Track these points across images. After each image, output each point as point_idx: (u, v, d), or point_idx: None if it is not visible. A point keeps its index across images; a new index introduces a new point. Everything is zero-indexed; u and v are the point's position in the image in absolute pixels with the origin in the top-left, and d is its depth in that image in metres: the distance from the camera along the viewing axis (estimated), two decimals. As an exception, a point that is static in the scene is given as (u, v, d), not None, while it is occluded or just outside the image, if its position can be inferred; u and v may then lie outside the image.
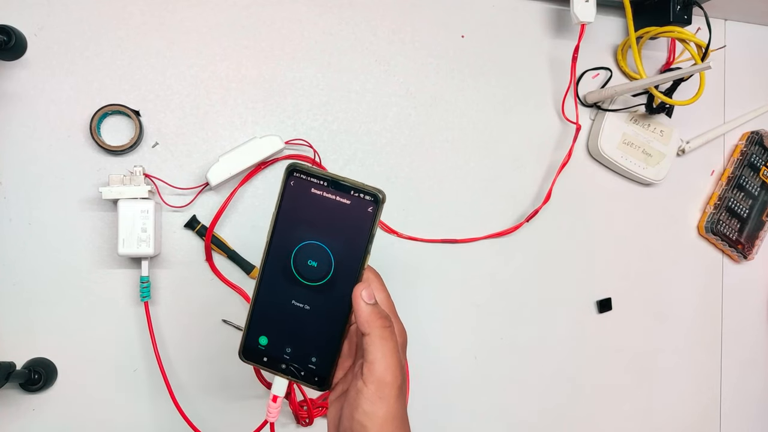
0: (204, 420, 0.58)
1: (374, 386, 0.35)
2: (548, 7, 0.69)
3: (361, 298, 0.36)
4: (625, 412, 0.72)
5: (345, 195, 0.36)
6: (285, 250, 0.38)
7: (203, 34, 0.59)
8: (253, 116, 0.60)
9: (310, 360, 0.39)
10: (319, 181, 0.37)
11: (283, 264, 0.38)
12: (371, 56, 0.63)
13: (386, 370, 0.35)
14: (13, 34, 0.49)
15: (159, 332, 0.57)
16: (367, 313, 0.36)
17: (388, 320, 0.37)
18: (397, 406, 0.36)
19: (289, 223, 0.37)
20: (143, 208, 0.53)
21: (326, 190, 0.37)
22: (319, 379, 0.39)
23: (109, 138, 0.56)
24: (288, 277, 0.38)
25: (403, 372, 0.37)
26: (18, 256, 0.55)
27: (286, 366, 0.39)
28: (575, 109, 0.67)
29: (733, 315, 0.76)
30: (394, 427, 0.35)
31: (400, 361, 0.37)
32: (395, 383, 0.35)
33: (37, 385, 0.53)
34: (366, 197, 0.36)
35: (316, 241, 0.37)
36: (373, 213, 0.36)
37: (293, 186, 0.37)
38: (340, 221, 0.37)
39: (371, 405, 0.35)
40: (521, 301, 0.67)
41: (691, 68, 0.60)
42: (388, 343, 0.36)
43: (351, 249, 0.37)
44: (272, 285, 0.38)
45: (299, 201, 0.37)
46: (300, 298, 0.38)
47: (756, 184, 0.75)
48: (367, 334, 0.36)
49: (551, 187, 0.66)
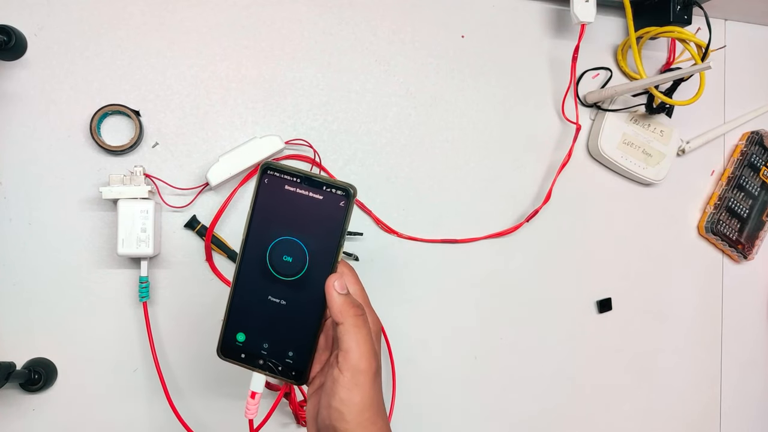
0: (202, 421, 0.58)
1: (349, 373, 0.36)
2: (548, 7, 0.69)
3: (334, 289, 0.37)
4: (625, 412, 0.72)
5: (317, 191, 0.37)
6: (261, 246, 0.38)
7: (203, 34, 0.59)
8: (253, 116, 0.60)
9: (287, 354, 0.39)
10: (292, 178, 0.37)
11: (259, 260, 0.39)
12: (371, 56, 0.63)
13: (361, 357, 0.36)
14: (13, 34, 0.49)
15: (158, 332, 0.57)
16: (340, 302, 0.37)
17: (361, 309, 0.37)
18: (373, 393, 0.37)
19: (264, 219, 0.38)
20: (143, 208, 0.53)
21: (299, 187, 0.38)
22: (296, 373, 0.40)
23: (109, 138, 0.56)
24: (264, 273, 0.39)
25: (377, 359, 0.38)
26: (18, 256, 0.55)
27: (263, 362, 0.40)
28: (575, 109, 0.67)
29: (733, 315, 0.76)
30: (371, 413, 0.36)
31: (374, 349, 0.37)
32: (370, 370, 0.36)
33: (37, 385, 0.53)
34: (338, 192, 0.37)
35: (290, 236, 0.38)
36: (345, 207, 0.37)
37: (267, 183, 0.38)
38: (314, 217, 0.38)
39: (347, 392, 0.36)
40: (521, 301, 0.67)
41: (691, 68, 0.60)
42: (361, 331, 0.37)
43: (325, 243, 0.38)
44: (249, 281, 0.39)
45: (273, 198, 0.38)
46: (276, 294, 0.39)
47: (756, 184, 0.75)
48: (340, 323, 0.37)
49: (551, 187, 0.66)
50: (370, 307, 0.41)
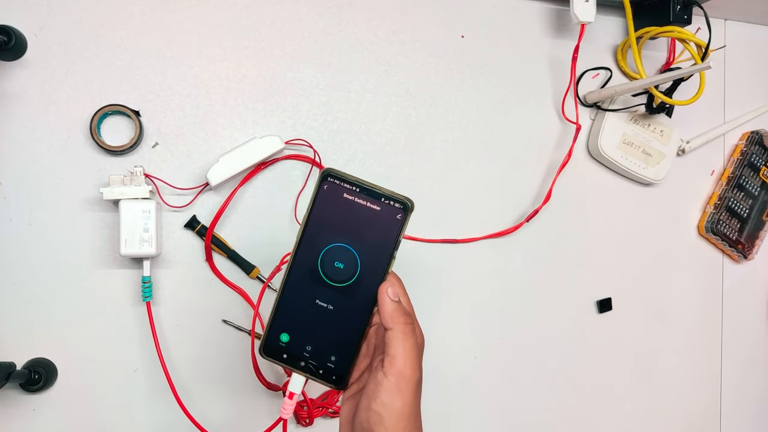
0: (204, 420, 0.58)
1: (394, 378, 0.36)
2: (548, 7, 0.69)
3: (387, 295, 0.38)
4: (625, 412, 0.72)
5: (376, 201, 0.38)
6: (313, 250, 0.39)
7: (203, 34, 0.59)
8: (253, 116, 0.60)
9: (329, 359, 0.40)
10: (351, 187, 0.38)
11: (310, 264, 0.39)
12: (371, 56, 0.63)
13: (406, 364, 0.37)
14: (13, 34, 0.49)
15: (159, 332, 0.57)
16: (392, 309, 0.38)
17: (411, 318, 0.39)
18: (413, 402, 0.37)
19: (319, 225, 0.39)
20: (144, 209, 0.53)
21: (358, 196, 0.38)
22: (336, 377, 0.40)
23: (109, 138, 0.56)
24: (314, 277, 0.39)
25: (420, 369, 0.38)
26: (18, 256, 0.55)
27: (305, 364, 0.40)
28: (575, 109, 0.67)
29: (733, 315, 0.76)
30: (409, 421, 0.37)
31: (419, 359, 0.38)
32: (413, 378, 0.37)
33: (37, 385, 0.53)
34: (396, 204, 0.38)
35: (344, 243, 0.39)
36: (402, 220, 0.38)
37: (326, 190, 0.38)
38: (369, 226, 0.39)
39: (390, 396, 0.36)
40: (521, 301, 0.67)
41: (691, 68, 0.60)
42: (409, 338, 0.37)
43: (377, 253, 0.39)
44: (298, 284, 0.40)
45: (331, 205, 0.39)
46: (324, 298, 0.40)
47: (756, 184, 0.75)
48: (390, 328, 0.37)
49: (551, 187, 0.66)
50: (416, 319, 0.41)
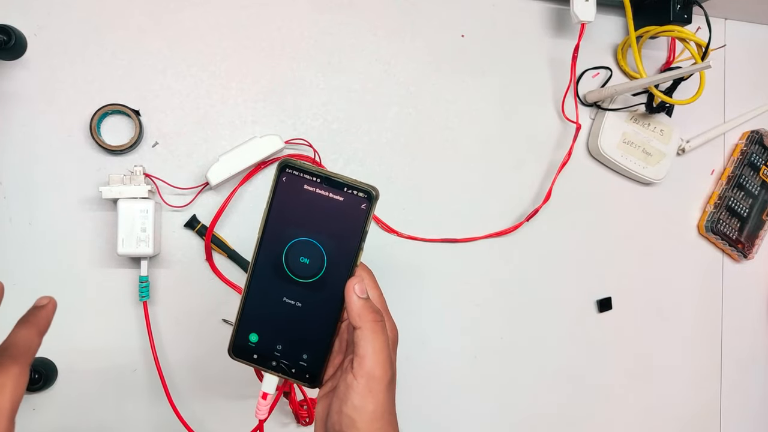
0: (202, 420, 0.58)
1: (364, 380, 0.35)
2: (548, 7, 0.69)
3: (354, 292, 0.36)
4: (625, 412, 0.72)
5: (338, 191, 0.36)
6: (277, 246, 0.37)
7: (203, 33, 0.59)
8: (253, 116, 0.60)
9: (301, 357, 0.39)
10: (311, 178, 0.36)
11: (274, 261, 0.38)
12: (371, 56, 0.63)
13: (376, 364, 0.35)
14: (13, 34, 0.49)
15: (158, 332, 0.57)
16: (359, 306, 0.36)
17: (380, 315, 0.37)
18: (386, 401, 0.36)
19: (281, 219, 0.37)
20: (143, 208, 0.53)
21: (319, 187, 0.36)
22: (310, 376, 0.39)
23: (109, 138, 0.56)
24: (279, 274, 0.38)
25: (393, 367, 0.37)
26: (18, 256, 0.55)
27: (276, 363, 0.39)
28: (575, 108, 0.67)
29: (733, 314, 0.76)
30: (384, 422, 0.36)
31: (390, 357, 0.37)
32: (384, 378, 0.36)
33: (37, 385, 0.53)
34: (359, 194, 0.36)
35: (308, 237, 0.37)
36: (367, 210, 0.36)
37: (285, 182, 0.36)
38: (333, 218, 0.37)
39: (361, 399, 0.35)
40: (521, 301, 0.67)
41: (691, 67, 0.60)
42: (379, 337, 0.36)
43: (344, 246, 0.37)
44: (263, 282, 0.38)
45: (291, 197, 0.37)
46: (291, 295, 0.38)
47: (756, 184, 0.75)
48: (358, 327, 0.36)
49: (551, 187, 0.66)
50: (389, 313, 0.40)
